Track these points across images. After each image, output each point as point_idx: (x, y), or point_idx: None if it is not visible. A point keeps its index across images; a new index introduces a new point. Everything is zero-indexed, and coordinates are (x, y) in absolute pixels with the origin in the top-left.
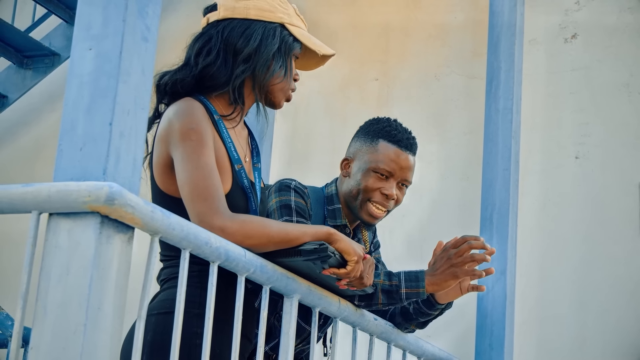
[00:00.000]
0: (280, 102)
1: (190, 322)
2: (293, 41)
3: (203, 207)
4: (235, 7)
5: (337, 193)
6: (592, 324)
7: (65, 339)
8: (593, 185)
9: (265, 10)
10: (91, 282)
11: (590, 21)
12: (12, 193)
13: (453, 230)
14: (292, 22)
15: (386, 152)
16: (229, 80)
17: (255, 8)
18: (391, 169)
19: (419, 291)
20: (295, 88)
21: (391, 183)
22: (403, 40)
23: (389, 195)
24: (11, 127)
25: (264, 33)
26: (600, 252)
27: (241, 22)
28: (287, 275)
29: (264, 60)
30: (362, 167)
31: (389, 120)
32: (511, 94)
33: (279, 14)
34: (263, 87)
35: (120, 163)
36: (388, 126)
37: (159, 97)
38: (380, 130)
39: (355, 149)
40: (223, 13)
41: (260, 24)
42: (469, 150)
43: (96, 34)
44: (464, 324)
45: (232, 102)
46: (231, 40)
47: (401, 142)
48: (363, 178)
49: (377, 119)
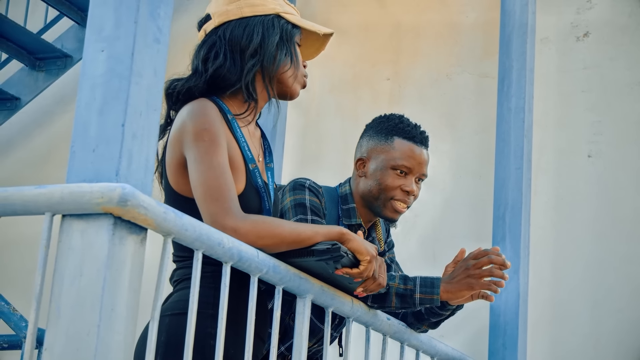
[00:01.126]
0: (294, 90)
1: (203, 323)
2: (292, 28)
3: (215, 207)
4: (228, 9)
5: (352, 193)
6: (605, 323)
7: (79, 340)
8: (606, 183)
9: (258, 5)
10: (104, 283)
11: (601, 19)
12: (25, 195)
13: (466, 230)
14: (285, 11)
15: (403, 149)
16: (240, 77)
17: (247, 5)
18: (410, 165)
19: (432, 297)
20: (306, 74)
21: (410, 179)
22: (415, 40)
23: (410, 192)
24: (24, 129)
25: (263, 26)
26: (613, 250)
27: (238, 21)
28: (300, 276)
29: (269, 52)
30: (380, 165)
31: (400, 117)
32: (523, 93)
33: (271, 5)
34: (273, 78)
35: (133, 164)
36: (400, 123)
37: (170, 104)
38: (393, 128)
39: (369, 147)
40: (218, 19)
41: (257, 18)
42: (481, 149)
43: (108, 36)
44: (477, 324)
45: (246, 99)
46: (234, 40)
47: (416, 137)
48: (382, 176)
49: (387, 116)
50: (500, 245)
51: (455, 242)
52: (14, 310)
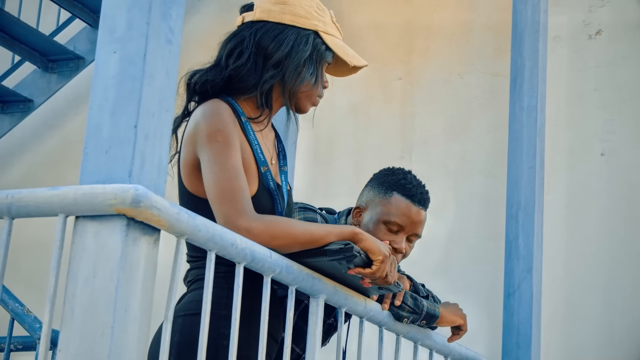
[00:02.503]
0: (306, 108)
1: (217, 323)
2: (325, 50)
3: (228, 208)
4: (272, 10)
5: None
6: (618, 322)
7: (93, 341)
8: (619, 182)
9: (301, 16)
10: (118, 284)
11: (614, 17)
12: (38, 196)
13: (479, 229)
14: (326, 30)
15: (399, 205)
16: (257, 84)
17: (290, 13)
18: (403, 222)
19: (435, 310)
20: (322, 95)
21: (401, 237)
22: (426, 40)
23: (397, 249)
24: (37, 130)
25: (296, 39)
26: (627, 249)
27: (275, 25)
28: (313, 276)
29: (294, 67)
30: (374, 217)
31: (404, 173)
32: (535, 92)
33: (314, 21)
34: (292, 93)
35: (146, 165)
36: (403, 179)
37: (189, 95)
38: (394, 183)
39: (368, 198)
40: (259, 14)
41: (293, 29)
42: (494, 148)
43: (120, 37)
44: (491, 323)
45: (260, 106)
46: (263, 43)
47: (415, 196)
48: (374, 229)
49: (392, 169)
50: (514, 244)
51: (468, 242)
52: (28, 311)
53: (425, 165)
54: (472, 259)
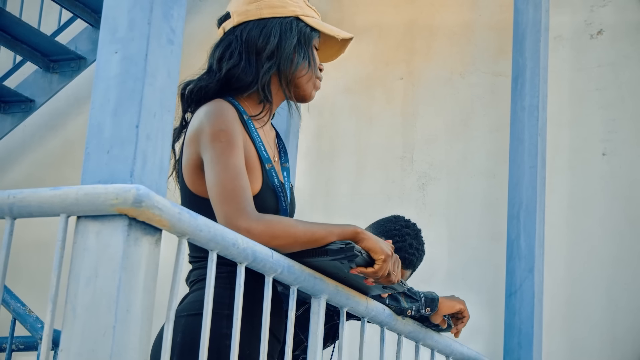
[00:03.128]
0: (309, 93)
1: (219, 323)
2: (311, 31)
3: (229, 208)
4: (248, 9)
5: None
6: (621, 322)
7: (95, 341)
8: (621, 181)
9: (277, 7)
10: (120, 284)
11: (615, 17)
12: (40, 196)
13: (480, 229)
14: (305, 14)
15: None
16: (256, 78)
17: (267, 7)
18: None
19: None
20: (321, 77)
21: None
22: (428, 39)
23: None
24: (38, 131)
25: (281, 28)
26: (629, 248)
27: (256, 22)
28: (315, 276)
29: (286, 55)
30: None
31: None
32: (537, 91)
33: (291, 7)
34: (290, 81)
35: (147, 165)
36: (410, 248)
37: (185, 106)
38: (399, 250)
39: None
40: (237, 19)
41: (275, 20)
42: (495, 148)
43: (122, 37)
44: (493, 323)
45: (262, 101)
46: (251, 41)
47: (414, 268)
48: None
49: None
50: (515, 244)
51: (469, 242)
52: (29, 311)
53: (427, 165)
54: (473, 259)
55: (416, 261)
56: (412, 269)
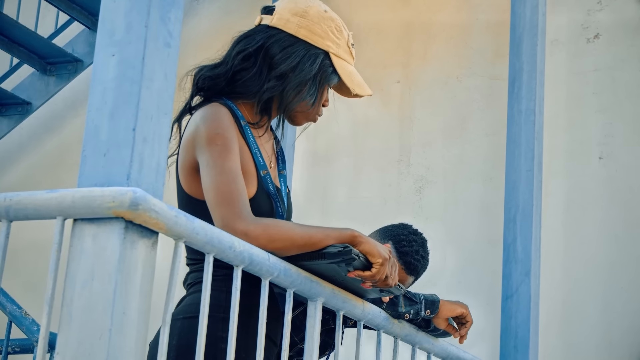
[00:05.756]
0: (299, 123)
1: (215, 326)
2: (332, 72)
3: (226, 211)
4: (289, 20)
5: None
6: (617, 326)
7: (91, 344)
8: (617, 185)
9: (316, 34)
10: (116, 287)
11: (612, 21)
12: (36, 199)
13: (477, 232)
14: (338, 54)
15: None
16: (257, 92)
17: (307, 29)
18: None
19: (433, 296)
20: (321, 114)
21: None
22: (425, 42)
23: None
24: (35, 133)
25: (304, 55)
26: (625, 252)
27: (288, 37)
28: (311, 279)
29: (295, 84)
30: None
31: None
32: (534, 95)
33: (328, 42)
34: (287, 110)
35: (144, 168)
36: (415, 254)
37: (194, 90)
38: (404, 255)
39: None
40: (276, 21)
41: (304, 44)
42: (492, 151)
43: (119, 40)
44: (489, 326)
45: (258, 114)
46: (271, 51)
47: (418, 275)
48: None
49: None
50: (511, 247)
51: (465, 245)
52: (25, 314)
53: (423, 168)
54: (470, 262)
55: (420, 268)
56: (416, 276)
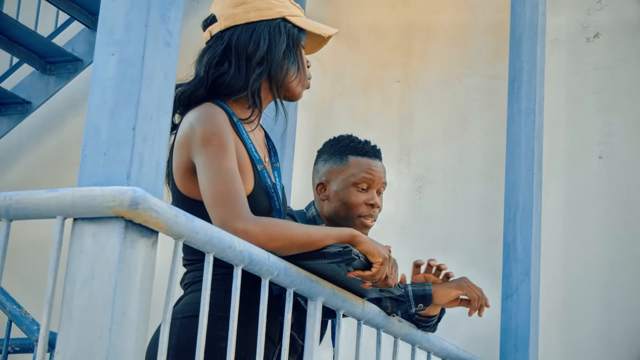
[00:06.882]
0: (299, 94)
1: (214, 325)
2: (298, 32)
3: (225, 211)
4: (235, 13)
5: (319, 215)
6: (617, 325)
7: (91, 343)
8: (617, 184)
9: (264, 9)
10: (116, 287)
11: (612, 20)
12: (36, 198)
13: (477, 232)
14: (292, 13)
15: (359, 164)
16: (246, 85)
17: (254, 10)
18: (369, 179)
19: (425, 288)
20: (310, 76)
21: (372, 193)
22: (425, 42)
23: (374, 205)
24: (35, 132)
25: (270, 33)
26: (625, 251)
27: (244, 27)
28: (311, 278)
29: (277, 61)
30: (341, 185)
31: (349, 136)
32: (534, 95)
33: (278, 8)
34: (281, 85)
35: (144, 167)
36: (351, 142)
37: (176, 108)
38: (345, 148)
39: (325, 170)
40: (224, 23)
41: (263, 24)
42: (492, 151)
43: (119, 39)
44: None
45: (251, 106)
46: (240, 47)
47: (369, 152)
48: (345, 195)
49: (336, 138)
50: (511, 247)
51: (466, 245)
52: (25, 313)
53: (423, 168)
54: (470, 262)
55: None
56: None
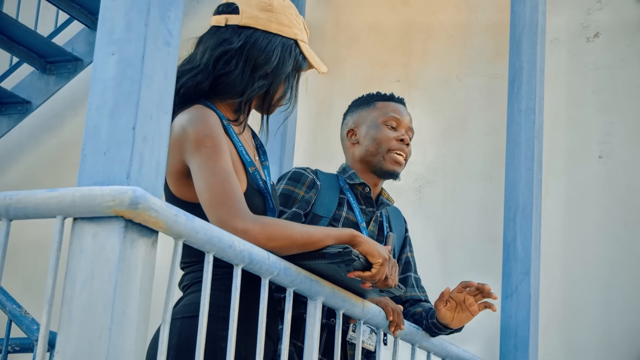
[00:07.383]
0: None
1: (215, 325)
2: (302, 59)
3: (223, 211)
4: (259, 17)
5: (349, 165)
6: (617, 324)
7: (91, 343)
8: (617, 184)
9: (285, 24)
10: (116, 286)
11: (612, 20)
12: (36, 198)
13: (477, 231)
14: (303, 39)
15: (387, 106)
16: (243, 92)
17: (277, 22)
18: (397, 119)
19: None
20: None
21: (401, 131)
22: (425, 42)
23: (404, 140)
24: (35, 132)
25: (282, 51)
26: (625, 251)
27: (263, 35)
28: (311, 278)
29: (278, 81)
30: (371, 126)
31: (374, 92)
32: (534, 94)
33: (295, 29)
34: (272, 105)
35: (144, 167)
36: (376, 94)
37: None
38: (371, 97)
39: (354, 118)
40: (245, 20)
41: (279, 39)
42: (492, 150)
43: (119, 39)
44: (489, 325)
45: (237, 111)
46: (252, 53)
47: (393, 98)
48: (376, 133)
49: (361, 97)
50: (511, 246)
51: (466, 244)
52: (25, 313)
53: (423, 167)
54: (470, 262)
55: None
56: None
